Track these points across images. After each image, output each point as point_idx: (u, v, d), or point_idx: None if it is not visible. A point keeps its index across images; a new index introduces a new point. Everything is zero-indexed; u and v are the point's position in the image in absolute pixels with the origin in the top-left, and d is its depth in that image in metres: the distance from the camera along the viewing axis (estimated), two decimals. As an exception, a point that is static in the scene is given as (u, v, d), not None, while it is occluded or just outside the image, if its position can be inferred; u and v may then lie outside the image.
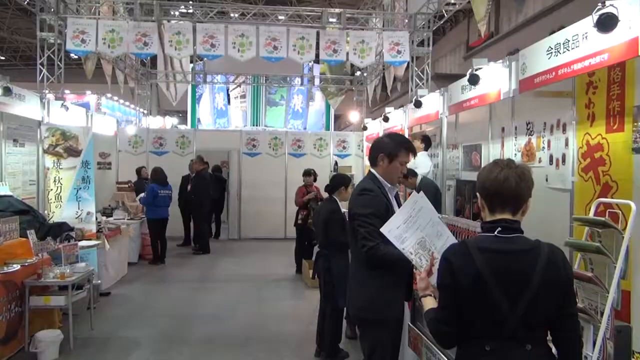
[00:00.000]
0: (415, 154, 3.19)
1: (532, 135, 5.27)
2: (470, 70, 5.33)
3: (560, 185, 4.65)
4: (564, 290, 1.86)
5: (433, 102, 7.13)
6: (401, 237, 2.46)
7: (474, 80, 5.26)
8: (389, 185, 3.05)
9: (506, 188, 1.90)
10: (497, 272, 1.84)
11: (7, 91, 6.24)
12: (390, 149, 3.02)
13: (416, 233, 2.46)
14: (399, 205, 3.08)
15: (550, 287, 1.82)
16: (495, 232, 1.91)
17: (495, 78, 5.13)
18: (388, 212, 2.82)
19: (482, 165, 6.44)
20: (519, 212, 1.95)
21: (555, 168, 4.75)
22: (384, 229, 2.50)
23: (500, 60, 5.06)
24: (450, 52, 21.01)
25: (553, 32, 4.21)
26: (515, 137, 5.57)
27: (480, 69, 5.27)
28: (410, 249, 2.44)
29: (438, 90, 6.91)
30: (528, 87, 4.50)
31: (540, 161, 5.06)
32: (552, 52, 4.06)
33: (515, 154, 5.52)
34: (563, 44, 3.87)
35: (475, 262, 1.85)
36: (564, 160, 4.64)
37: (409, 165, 3.20)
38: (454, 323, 1.91)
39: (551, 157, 4.85)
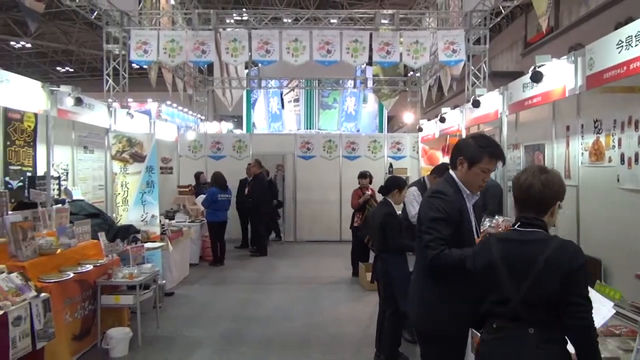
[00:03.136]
0: (504, 161, 2.86)
1: (600, 134, 5.02)
2: (532, 68, 5.16)
3: (634, 185, 4.41)
4: (567, 277, 2.00)
5: (492, 101, 6.94)
6: None
7: (537, 77, 5.07)
8: (468, 192, 2.77)
9: (530, 194, 2.16)
10: (506, 257, 2.12)
11: (79, 101, 6.59)
12: (472, 154, 2.72)
13: None
14: (477, 215, 2.86)
15: (553, 271, 2.01)
16: (516, 226, 2.20)
17: (559, 75, 4.93)
18: (462, 218, 2.67)
19: (546, 165, 6.22)
20: (544, 214, 2.18)
21: (628, 167, 4.51)
22: None
23: (565, 56, 4.86)
24: (507, 49, 20.39)
25: (619, 24, 4.01)
26: (582, 136, 5.33)
27: (543, 65, 5.08)
28: None
29: (497, 89, 6.72)
30: (596, 83, 4.30)
31: (610, 160, 4.81)
32: (622, 46, 3.86)
33: (582, 153, 5.29)
34: (635, 36, 3.68)
35: (491, 249, 2.18)
36: (637, 159, 4.40)
37: None
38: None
39: (622, 155, 4.61)
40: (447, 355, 2.73)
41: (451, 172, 2.84)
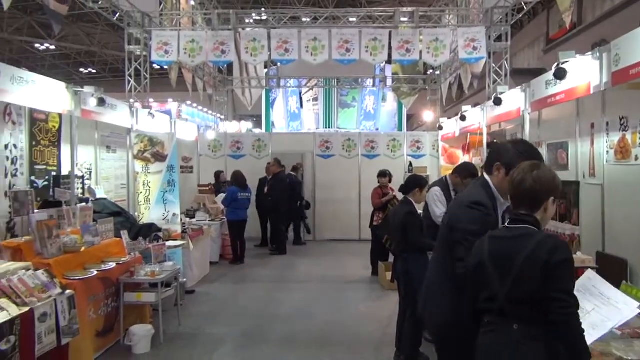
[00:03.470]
0: None
1: (626, 131, 4.92)
2: (556, 64, 5.08)
3: (661, 184, 4.31)
4: (547, 272, 2.02)
5: (514, 99, 6.86)
6: None
7: (560, 74, 5.00)
8: (502, 200, 2.61)
9: (521, 190, 2.21)
10: (493, 254, 2.19)
11: (102, 102, 6.70)
12: (510, 160, 2.52)
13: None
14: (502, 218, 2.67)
15: (532, 268, 2.05)
16: (506, 223, 2.27)
17: (584, 71, 4.85)
18: None
19: (569, 164, 6.12)
20: (537, 210, 2.21)
21: (655, 166, 4.42)
22: None
23: (590, 52, 4.78)
24: (529, 46, 20.08)
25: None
26: (607, 134, 5.23)
27: (567, 62, 5.00)
28: None
29: (519, 87, 6.64)
30: (622, 80, 4.22)
31: (637, 159, 4.71)
32: (650, 41, 3.78)
33: (608, 151, 5.19)
34: (663, 31, 3.60)
35: (483, 246, 2.24)
36: (664, 157, 4.30)
37: None
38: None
39: (649, 154, 4.51)
40: (462, 356, 2.64)
41: (486, 177, 2.66)
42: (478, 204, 2.53)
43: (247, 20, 12.19)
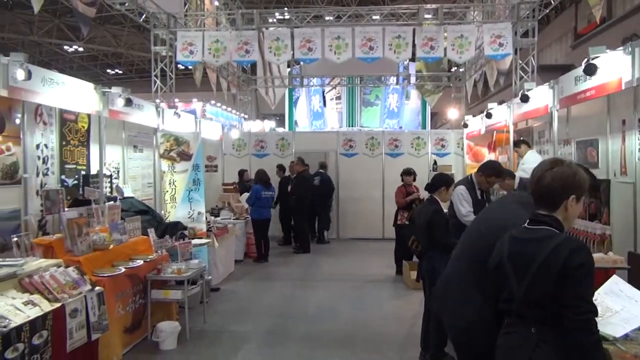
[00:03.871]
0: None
1: (660, 128, 4.79)
2: (586, 60, 4.96)
3: (697, 182, 4.17)
4: (562, 276, 1.95)
5: (541, 96, 6.73)
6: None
7: (590, 70, 4.88)
8: None
9: (540, 186, 2.13)
10: (512, 255, 2.14)
11: (129, 102, 6.82)
12: None
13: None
14: None
15: (549, 270, 1.98)
16: (526, 224, 2.17)
17: (615, 66, 4.72)
18: None
19: (599, 162, 5.98)
20: (556, 209, 2.12)
21: (690, 163, 4.28)
22: None
23: (621, 47, 4.66)
24: (555, 42, 19.69)
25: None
26: (639, 131, 5.09)
27: (597, 57, 4.88)
28: None
29: (547, 83, 6.51)
30: (656, 75, 4.10)
31: (670, 156, 4.58)
32: (685, 35, 3.66)
33: (640, 149, 5.05)
34: (699, 24, 3.48)
35: (504, 245, 2.19)
36: (700, 154, 4.16)
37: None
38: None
39: (684, 151, 4.37)
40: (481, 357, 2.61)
41: None
42: None
43: (270, 20, 12.23)
